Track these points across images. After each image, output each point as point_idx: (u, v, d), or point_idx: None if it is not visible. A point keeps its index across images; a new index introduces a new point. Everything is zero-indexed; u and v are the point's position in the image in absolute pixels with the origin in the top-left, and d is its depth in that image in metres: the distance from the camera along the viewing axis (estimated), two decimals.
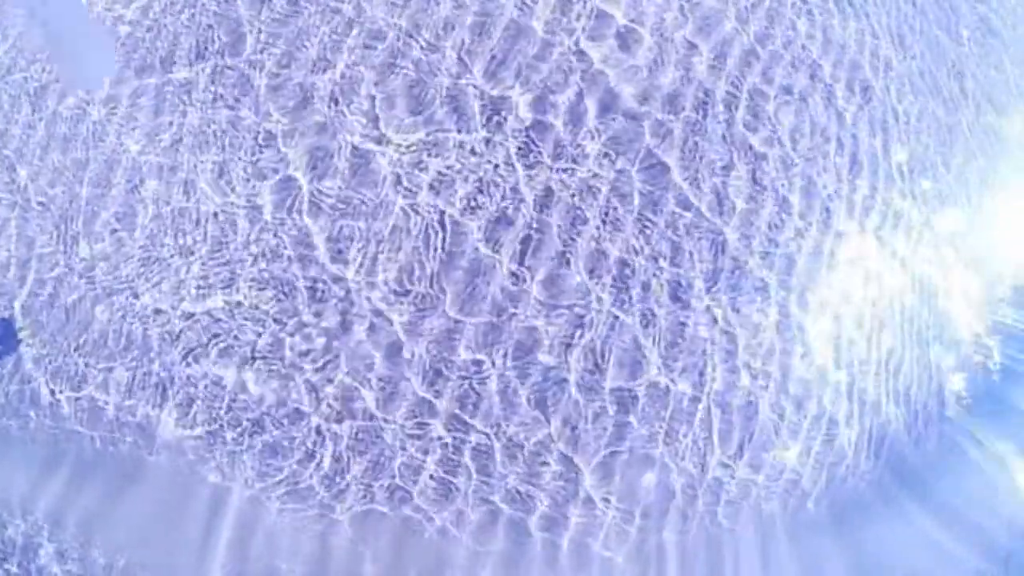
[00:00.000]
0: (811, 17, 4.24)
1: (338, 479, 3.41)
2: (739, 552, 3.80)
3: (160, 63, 3.65)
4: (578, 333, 3.50)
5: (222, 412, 3.41)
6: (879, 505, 4.22)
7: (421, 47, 3.61)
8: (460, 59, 3.61)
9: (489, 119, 3.56)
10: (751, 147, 3.86)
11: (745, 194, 3.80)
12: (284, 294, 3.42)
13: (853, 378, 4.07)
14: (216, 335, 3.43)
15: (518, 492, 3.47)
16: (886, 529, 4.20)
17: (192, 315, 3.44)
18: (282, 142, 3.50)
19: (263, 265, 3.43)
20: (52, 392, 3.54)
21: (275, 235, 3.44)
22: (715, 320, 3.69)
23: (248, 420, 3.41)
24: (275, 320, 3.41)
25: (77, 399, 3.52)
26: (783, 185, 3.90)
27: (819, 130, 4.07)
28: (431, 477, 3.42)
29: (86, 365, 3.51)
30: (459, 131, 3.54)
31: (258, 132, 3.52)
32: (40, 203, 3.65)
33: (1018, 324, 4.71)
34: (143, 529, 3.49)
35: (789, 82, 4.04)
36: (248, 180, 3.48)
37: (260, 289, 3.42)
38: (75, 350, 3.53)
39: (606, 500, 3.55)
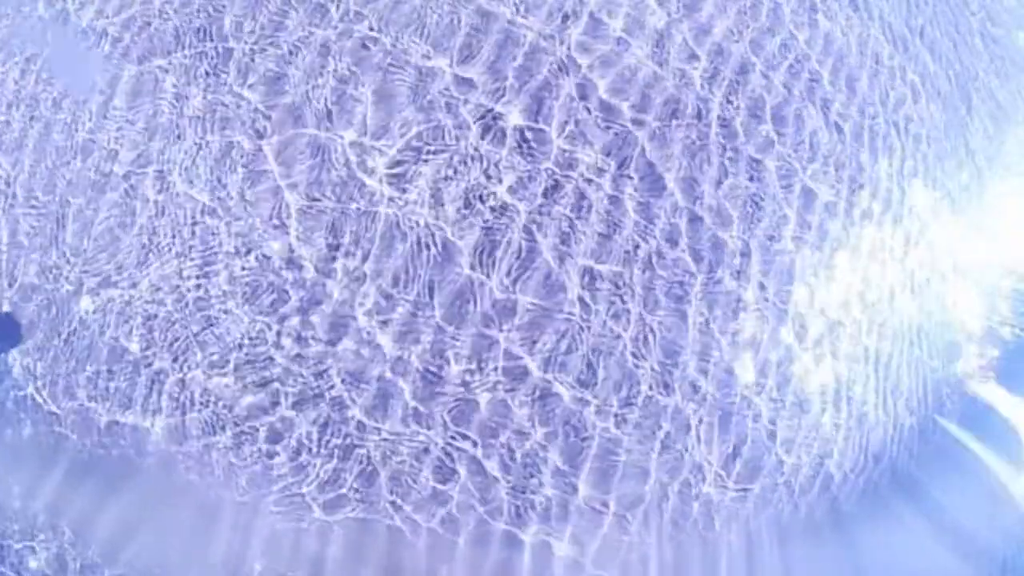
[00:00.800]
0: (812, 22, 4.22)
1: (332, 485, 3.40)
2: (733, 559, 3.79)
3: (153, 66, 3.64)
4: (572, 343, 3.49)
5: (214, 417, 3.40)
6: (874, 512, 4.22)
7: (415, 52, 3.59)
8: (454, 64, 3.59)
9: (482, 118, 3.54)
10: (749, 153, 3.84)
11: (742, 201, 3.78)
12: (274, 300, 3.41)
13: (850, 385, 4.06)
14: (206, 341, 3.41)
15: (512, 500, 3.46)
16: (881, 536, 4.19)
17: (183, 319, 3.43)
18: (273, 145, 3.49)
19: (253, 269, 3.42)
20: (43, 396, 3.53)
21: (265, 239, 3.43)
22: (711, 328, 3.67)
23: (240, 426, 3.40)
24: (265, 326, 3.40)
25: (68, 404, 3.51)
26: (781, 192, 3.88)
27: (818, 137, 4.05)
28: (424, 485, 3.41)
29: (77, 365, 3.50)
30: (451, 136, 3.52)
31: (249, 135, 3.50)
32: (32, 204, 3.63)
33: (1016, 332, 4.70)
34: (136, 535, 3.48)
35: (788, 89, 4.02)
36: (239, 182, 3.46)
37: (250, 294, 3.41)
38: (65, 349, 3.52)
39: (601, 510, 3.54)
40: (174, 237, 3.47)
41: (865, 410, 4.13)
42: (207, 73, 3.59)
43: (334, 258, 3.41)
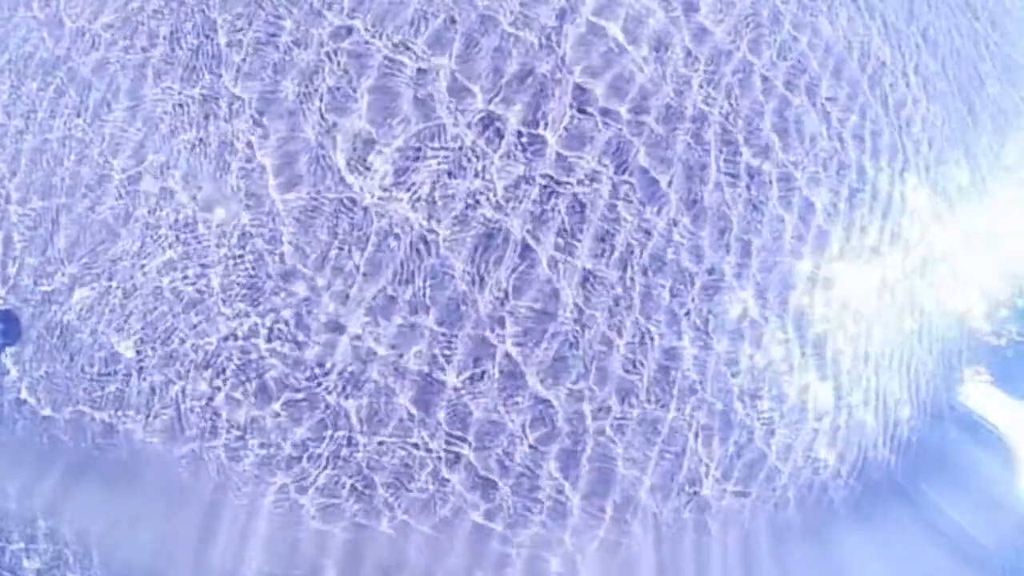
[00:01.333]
0: (812, 23, 4.20)
1: (329, 488, 3.39)
2: (730, 562, 3.79)
3: (149, 65, 3.62)
4: (570, 346, 3.47)
5: (209, 419, 3.39)
6: (872, 516, 4.22)
7: (411, 57, 3.57)
8: (452, 71, 3.57)
9: (479, 120, 3.52)
10: (748, 156, 3.82)
11: (741, 204, 3.76)
12: (269, 300, 3.40)
13: (849, 389, 4.05)
14: (201, 342, 3.40)
15: (509, 503, 3.46)
16: (880, 540, 4.19)
17: (177, 320, 3.42)
18: (269, 144, 3.47)
19: (248, 269, 3.41)
20: (38, 397, 3.53)
21: (260, 239, 3.42)
22: (709, 332, 3.66)
23: (236, 428, 3.39)
24: (261, 327, 3.39)
25: (63, 405, 3.50)
26: (781, 195, 3.87)
27: (818, 139, 4.03)
28: (421, 488, 3.40)
29: (71, 365, 3.49)
30: (449, 137, 3.50)
31: (245, 134, 3.48)
32: (27, 204, 3.62)
33: (1015, 336, 4.70)
34: (133, 536, 3.48)
35: (788, 91, 4.00)
36: (234, 182, 3.45)
37: (245, 294, 3.40)
38: (59, 348, 3.51)
39: (598, 513, 3.53)
40: (169, 237, 3.46)
41: (864, 414, 4.13)
42: (203, 73, 3.57)
43: (329, 259, 3.40)
